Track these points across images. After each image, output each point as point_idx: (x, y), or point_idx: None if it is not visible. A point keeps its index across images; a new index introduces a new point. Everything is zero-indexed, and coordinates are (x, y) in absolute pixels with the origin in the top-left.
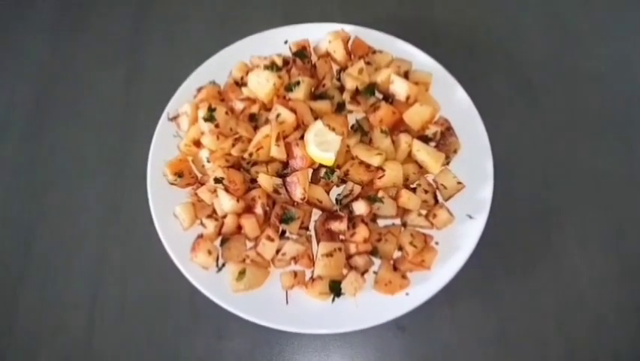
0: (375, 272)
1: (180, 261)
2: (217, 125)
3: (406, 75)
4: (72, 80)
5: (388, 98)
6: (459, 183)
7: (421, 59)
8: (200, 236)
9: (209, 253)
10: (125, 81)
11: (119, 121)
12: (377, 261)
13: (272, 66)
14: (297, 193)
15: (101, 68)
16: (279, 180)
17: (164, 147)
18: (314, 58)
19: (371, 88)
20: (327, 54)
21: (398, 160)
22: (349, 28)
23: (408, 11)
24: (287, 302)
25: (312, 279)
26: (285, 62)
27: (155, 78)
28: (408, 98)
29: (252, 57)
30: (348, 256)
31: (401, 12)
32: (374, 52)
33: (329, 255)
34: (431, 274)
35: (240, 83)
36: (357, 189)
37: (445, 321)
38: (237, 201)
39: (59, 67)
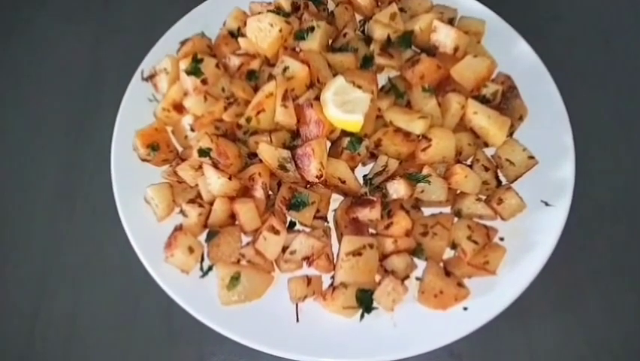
0: (418, 278)
1: (151, 262)
2: (204, 82)
3: (450, 24)
4: (26, 33)
5: (429, 51)
6: (530, 157)
7: (468, 5)
8: (179, 228)
9: (191, 250)
10: (92, 35)
11: (82, 83)
12: (421, 263)
13: (277, 10)
14: (312, 169)
15: (64, 20)
16: (286, 153)
17: (136, 113)
18: (331, 5)
19: (407, 38)
20: (349, 0)
21: (447, 127)
22: None
23: None
24: (297, 320)
25: (333, 288)
26: (295, 6)
27: (129, 30)
28: (456, 49)
29: (251, 3)
30: (383, 256)
31: None
32: None
33: (356, 254)
34: (497, 282)
35: (235, 35)
36: (394, 164)
37: (517, 347)
38: (230, 179)
39: (13, 21)
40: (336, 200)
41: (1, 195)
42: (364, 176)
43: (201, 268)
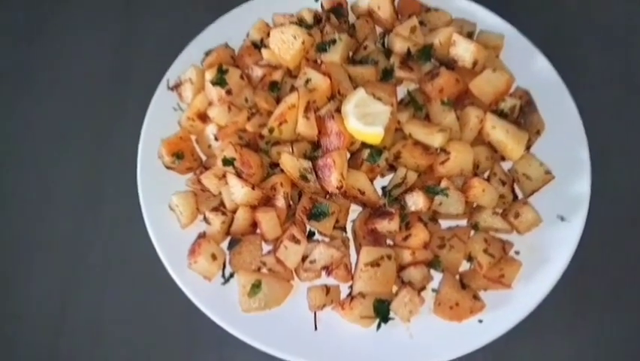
0: (435, 290)
1: (175, 268)
2: (229, 92)
3: (469, 38)
4: (52, 41)
5: (448, 64)
6: (547, 172)
7: (486, 20)
8: (202, 235)
9: (214, 258)
10: (117, 43)
11: (107, 92)
12: (438, 275)
13: (300, 22)
14: (332, 180)
15: (88, 27)
16: (307, 164)
17: (162, 122)
18: (351, 18)
19: (427, 51)
20: (369, 13)
21: (466, 140)
22: None
23: None
24: (315, 328)
25: (351, 297)
26: (317, 18)
27: (155, 40)
28: (475, 63)
29: (274, 15)
30: (400, 267)
31: None
32: (427, 10)
33: (374, 264)
34: (513, 295)
35: (259, 46)
36: (413, 177)
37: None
38: (252, 188)
39: (37, 25)
40: (354, 211)
41: (27, 201)
42: (383, 187)
43: (223, 275)
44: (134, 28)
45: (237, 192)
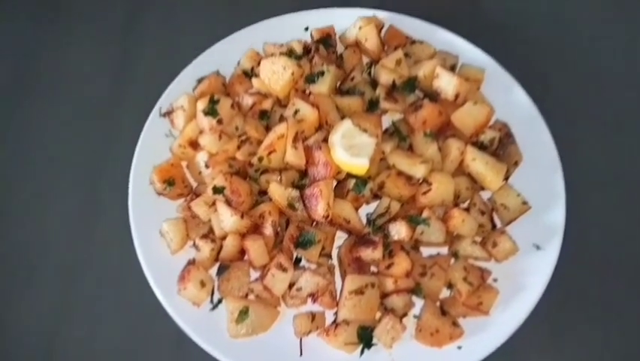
0: (416, 316)
1: (164, 294)
2: (220, 122)
3: (451, 70)
4: (47, 66)
5: (431, 96)
6: (524, 203)
7: (468, 53)
8: (192, 262)
9: (202, 284)
10: (111, 70)
11: (101, 116)
12: (418, 301)
13: (290, 53)
14: (319, 210)
15: (84, 54)
16: (295, 193)
17: (154, 148)
18: (340, 49)
19: (411, 83)
20: (357, 43)
21: (447, 171)
22: (383, 15)
23: None
24: (301, 353)
25: (336, 324)
26: (306, 49)
27: (148, 68)
28: (457, 96)
29: (265, 44)
30: (383, 295)
31: None
32: (413, 42)
33: (359, 292)
34: (490, 322)
35: (249, 75)
36: (396, 207)
37: None
38: (241, 217)
39: (33, 50)
40: (340, 237)
41: (20, 225)
42: (368, 214)
43: (211, 301)
44: (127, 55)
45: (227, 220)
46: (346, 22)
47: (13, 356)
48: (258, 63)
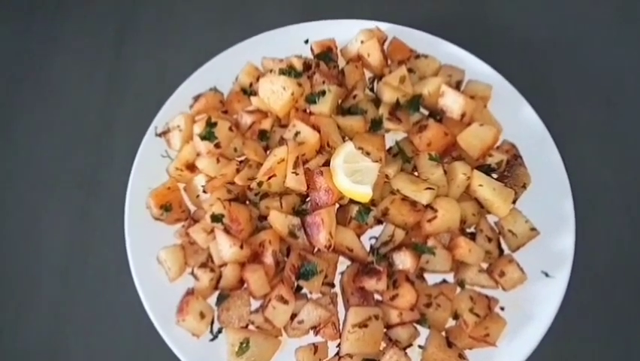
0: (421, 346)
1: (163, 325)
2: (217, 146)
3: (457, 86)
4: (38, 84)
5: (436, 114)
6: (532, 229)
7: (475, 67)
8: (191, 292)
9: (202, 316)
10: (104, 87)
11: (94, 136)
12: (424, 330)
13: (289, 70)
14: (321, 239)
15: (76, 70)
16: (296, 220)
17: (150, 170)
18: (341, 62)
19: (415, 102)
20: (359, 58)
21: (452, 196)
22: (385, 27)
23: (454, 8)
24: None
25: (339, 357)
26: (306, 65)
27: (142, 84)
28: (463, 115)
29: (263, 59)
30: (388, 326)
31: (445, 10)
32: (417, 56)
33: (362, 325)
34: (497, 353)
35: (248, 91)
36: (400, 235)
37: None
38: (241, 247)
39: (24, 66)
40: (343, 263)
41: (13, 250)
42: (371, 245)
43: (211, 331)
44: (121, 74)
45: (226, 250)
46: (348, 34)
47: None
48: (257, 78)
